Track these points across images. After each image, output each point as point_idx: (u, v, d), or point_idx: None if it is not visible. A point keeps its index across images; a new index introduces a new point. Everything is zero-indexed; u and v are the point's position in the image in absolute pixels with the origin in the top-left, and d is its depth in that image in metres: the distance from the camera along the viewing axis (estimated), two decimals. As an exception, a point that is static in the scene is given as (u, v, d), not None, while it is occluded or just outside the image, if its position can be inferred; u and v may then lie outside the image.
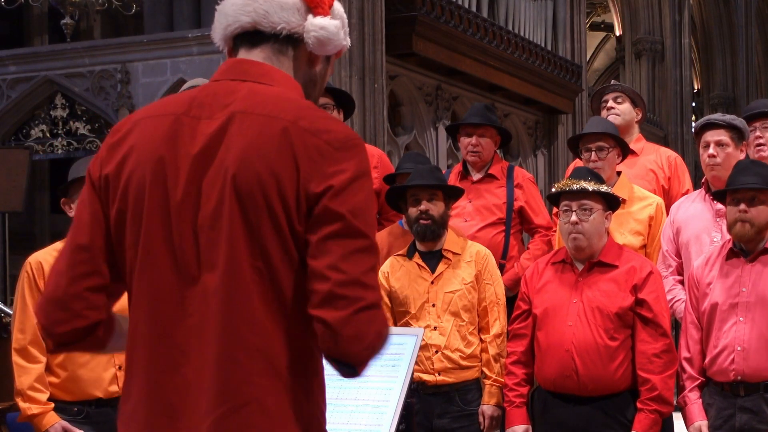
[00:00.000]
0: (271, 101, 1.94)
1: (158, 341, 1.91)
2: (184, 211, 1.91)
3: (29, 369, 3.94)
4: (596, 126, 4.83)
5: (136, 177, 1.94)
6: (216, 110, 1.95)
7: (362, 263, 1.85)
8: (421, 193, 4.37)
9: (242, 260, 1.87)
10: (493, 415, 4.34)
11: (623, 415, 3.98)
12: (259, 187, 1.86)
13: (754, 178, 3.96)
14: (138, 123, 2.00)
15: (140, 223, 1.93)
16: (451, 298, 4.35)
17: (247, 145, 1.88)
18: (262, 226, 1.86)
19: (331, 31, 2.06)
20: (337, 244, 1.84)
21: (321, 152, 1.87)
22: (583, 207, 4.06)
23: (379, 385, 3.51)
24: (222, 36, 2.06)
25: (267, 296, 1.87)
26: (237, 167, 1.87)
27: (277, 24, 2.01)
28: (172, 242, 1.91)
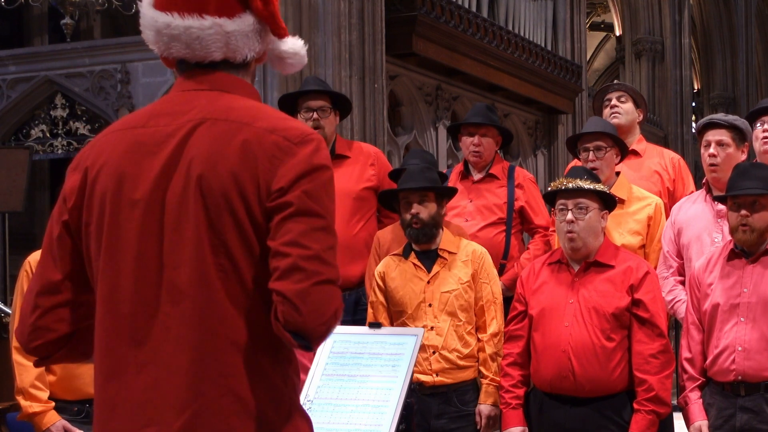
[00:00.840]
0: (230, 107, 1.99)
1: (125, 343, 1.96)
2: (147, 217, 1.96)
3: (29, 367, 3.94)
4: (594, 126, 4.83)
5: (99, 190, 2.00)
6: (174, 119, 2.00)
7: (322, 240, 1.91)
8: (412, 195, 4.37)
9: (206, 258, 1.92)
10: (490, 414, 4.34)
11: (620, 416, 3.98)
12: (221, 189, 1.92)
13: (754, 183, 3.95)
14: (99, 141, 2.06)
15: (101, 233, 1.99)
16: (448, 298, 4.35)
17: (208, 150, 1.94)
18: (224, 225, 1.92)
19: (293, 48, 2.13)
20: (296, 222, 1.91)
21: (280, 148, 1.94)
22: (579, 206, 4.05)
23: (379, 385, 3.51)
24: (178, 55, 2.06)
25: (232, 291, 1.92)
26: (200, 171, 1.93)
27: (246, 54, 2.06)
28: (133, 249, 1.96)
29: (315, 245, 1.90)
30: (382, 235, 4.89)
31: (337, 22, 9.04)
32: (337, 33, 9.06)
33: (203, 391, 1.90)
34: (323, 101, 4.97)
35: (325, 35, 9.02)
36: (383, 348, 3.64)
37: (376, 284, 4.48)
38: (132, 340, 1.95)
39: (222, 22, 2.02)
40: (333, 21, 9.03)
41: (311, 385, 3.57)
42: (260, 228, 1.93)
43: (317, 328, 1.89)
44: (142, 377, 1.93)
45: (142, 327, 1.94)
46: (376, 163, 5.10)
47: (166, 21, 2.03)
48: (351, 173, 5.02)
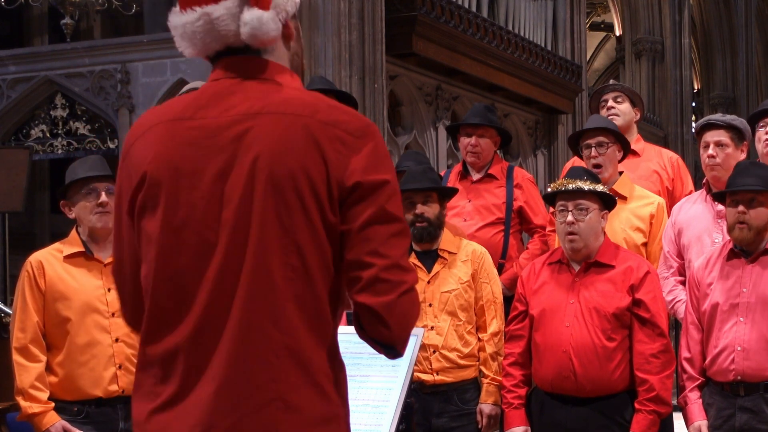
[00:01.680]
0: (281, 99, 1.94)
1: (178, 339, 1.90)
2: (206, 216, 1.90)
3: (30, 368, 3.94)
4: (596, 122, 4.84)
5: (156, 185, 1.93)
6: (225, 111, 1.93)
7: (400, 247, 1.90)
8: (416, 196, 4.37)
9: (273, 258, 1.87)
10: (491, 413, 4.34)
11: (621, 416, 3.98)
12: (292, 183, 1.87)
13: (753, 180, 3.96)
14: (146, 132, 1.98)
15: (157, 225, 1.93)
16: (448, 298, 4.35)
17: (273, 144, 1.89)
18: (296, 223, 1.88)
19: (260, 19, 1.97)
20: (375, 230, 1.88)
21: (343, 142, 1.90)
22: (579, 207, 4.05)
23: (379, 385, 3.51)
24: (204, 51, 2.02)
25: (298, 293, 1.88)
26: (268, 167, 1.88)
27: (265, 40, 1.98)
28: (192, 249, 1.90)
29: (394, 252, 1.89)
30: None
31: (337, 22, 9.05)
32: (337, 33, 9.07)
33: (251, 396, 1.86)
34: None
35: (325, 35, 9.02)
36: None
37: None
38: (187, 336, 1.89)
39: (209, 9, 1.96)
40: (333, 21, 9.04)
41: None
42: (331, 227, 1.89)
43: (403, 336, 1.91)
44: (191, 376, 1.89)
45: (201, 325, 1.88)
46: None
47: (172, 22, 2.01)
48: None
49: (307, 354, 1.88)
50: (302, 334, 1.88)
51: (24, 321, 3.96)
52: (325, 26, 9.02)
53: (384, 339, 1.91)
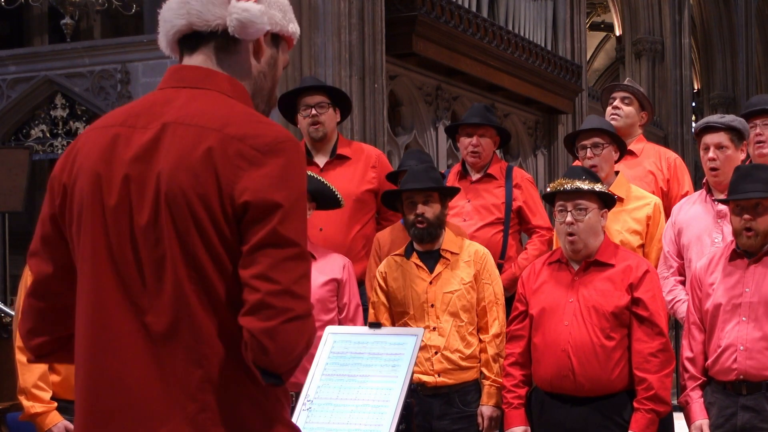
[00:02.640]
0: (203, 110, 1.93)
1: (99, 350, 1.92)
2: (119, 222, 1.91)
3: (32, 367, 3.94)
4: (592, 123, 4.84)
5: (78, 189, 1.96)
6: (151, 120, 1.94)
7: (292, 272, 1.83)
8: (416, 195, 4.36)
9: (180, 273, 1.87)
10: (492, 415, 4.33)
11: (620, 415, 3.98)
12: (184, 199, 1.86)
13: (757, 185, 3.95)
14: (82, 137, 2.02)
15: (80, 234, 1.96)
16: (450, 299, 4.35)
17: (175, 158, 1.88)
18: (191, 238, 1.86)
19: (253, 13, 1.99)
20: (266, 254, 1.82)
21: (246, 158, 1.86)
22: (579, 207, 4.05)
23: (379, 385, 3.51)
24: (166, 43, 2.06)
25: (206, 306, 1.87)
26: (166, 180, 1.88)
27: (212, 21, 1.98)
28: (112, 254, 1.92)
29: (284, 278, 1.82)
30: (381, 237, 4.89)
31: (337, 22, 9.05)
32: (337, 33, 9.06)
33: (182, 406, 1.87)
34: (321, 97, 4.97)
35: (325, 35, 9.02)
36: (383, 348, 3.64)
37: (378, 284, 4.47)
38: (111, 351, 1.91)
39: None
40: (333, 21, 9.03)
41: (311, 385, 3.57)
42: (228, 243, 1.86)
43: (285, 365, 1.84)
44: (120, 390, 1.90)
45: (121, 338, 1.90)
46: (378, 166, 5.10)
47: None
48: (352, 175, 5.02)
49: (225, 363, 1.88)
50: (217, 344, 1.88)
51: (26, 320, 3.96)
52: (325, 26, 9.02)
53: (265, 365, 1.84)
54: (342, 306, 4.40)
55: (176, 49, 2.05)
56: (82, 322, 1.96)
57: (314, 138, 4.99)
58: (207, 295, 1.87)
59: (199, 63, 2.01)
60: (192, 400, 1.87)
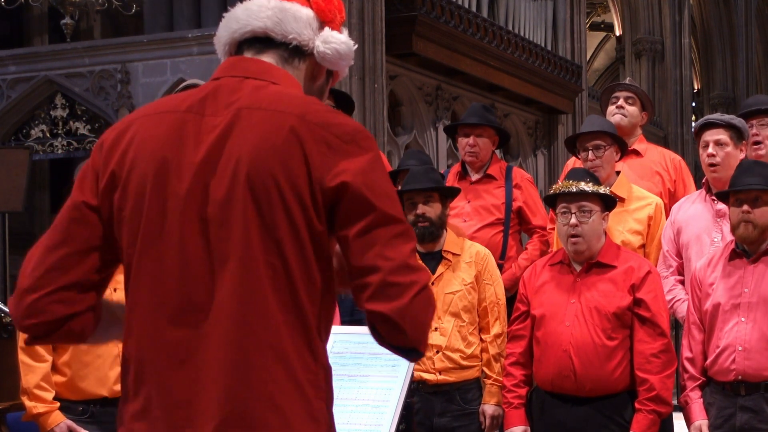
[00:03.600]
0: (276, 97, 1.92)
1: (163, 337, 1.89)
2: (188, 208, 1.88)
3: (35, 367, 3.94)
4: (593, 125, 4.83)
5: (137, 174, 1.92)
6: (221, 107, 1.93)
7: (405, 247, 1.85)
8: (417, 196, 4.37)
9: (257, 256, 1.85)
10: (494, 414, 4.34)
11: (621, 415, 3.98)
12: (274, 182, 1.85)
13: (757, 179, 3.96)
14: (135, 121, 1.98)
15: (140, 220, 1.91)
16: (452, 299, 4.35)
17: (257, 141, 1.87)
18: (277, 221, 1.85)
19: (349, 46, 2.05)
20: (376, 234, 1.83)
21: (330, 145, 1.86)
22: (583, 209, 4.05)
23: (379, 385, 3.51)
24: (228, 40, 2.04)
25: (280, 292, 1.86)
26: (249, 163, 1.85)
27: (289, 33, 2.00)
28: (175, 239, 1.88)
29: (399, 254, 1.83)
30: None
31: (337, 22, 9.04)
32: (337, 33, 9.05)
33: (236, 395, 1.84)
34: (327, 100, 4.97)
35: (325, 35, 9.01)
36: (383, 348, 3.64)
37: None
38: (174, 337, 1.87)
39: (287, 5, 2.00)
40: (333, 21, 9.02)
41: (311, 385, 3.57)
42: (313, 226, 1.86)
43: (421, 338, 1.87)
44: (180, 374, 1.87)
45: (186, 323, 1.87)
46: None
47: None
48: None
49: (288, 354, 1.86)
50: (284, 333, 1.86)
51: (29, 320, 3.96)
52: (325, 26, 9.01)
53: (402, 344, 1.87)
54: None
55: (234, 48, 2.04)
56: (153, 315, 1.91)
57: None
58: (284, 281, 1.85)
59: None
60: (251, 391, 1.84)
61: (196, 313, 1.87)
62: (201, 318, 1.87)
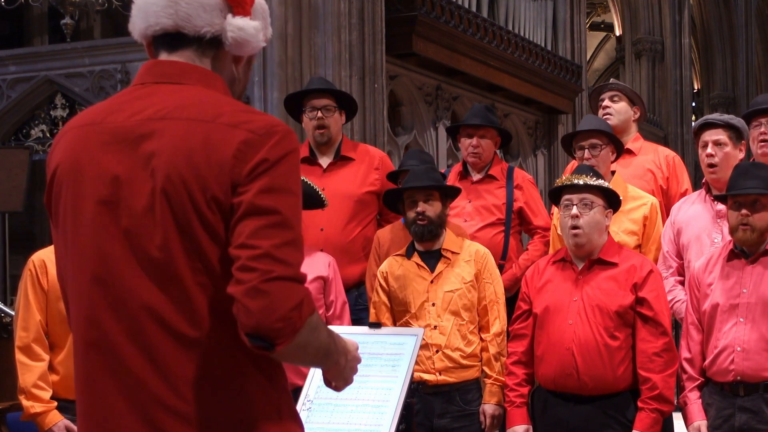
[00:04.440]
0: (189, 103, 1.92)
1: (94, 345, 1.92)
2: (109, 221, 1.90)
3: (32, 367, 3.95)
4: (589, 124, 4.82)
5: (63, 189, 1.96)
6: (133, 116, 1.93)
7: (274, 236, 1.82)
8: (417, 194, 4.37)
9: (181, 265, 1.86)
10: (494, 414, 4.34)
11: (623, 414, 3.98)
12: (187, 193, 1.85)
13: (755, 182, 3.95)
14: (65, 134, 2.01)
15: (66, 235, 1.95)
16: (451, 298, 4.36)
17: (171, 153, 1.87)
18: (194, 231, 1.85)
19: (249, 33, 2.01)
20: (245, 223, 1.82)
21: (246, 142, 1.86)
22: (584, 201, 4.06)
23: (379, 385, 3.51)
24: (141, 34, 2.05)
25: (209, 295, 1.86)
26: (164, 175, 1.86)
27: (201, 27, 1.98)
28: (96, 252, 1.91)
29: (264, 243, 1.80)
30: (382, 235, 4.90)
31: (337, 22, 9.05)
32: (337, 33, 9.06)
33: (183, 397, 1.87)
34: (328, 100, 4.98)
35: (325, 35, 9.02)
36: (383, 348, 3.64)
37: (379, 284, 4.48)
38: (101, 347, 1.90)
39: None
40: (333, 21, 9.03)
41: (311, 385, 3.57)
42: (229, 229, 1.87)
43: (273, 324, 1.78)
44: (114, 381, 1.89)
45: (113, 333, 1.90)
46: (381, 168, 5.10)
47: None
48: (355, 176, 5.03)
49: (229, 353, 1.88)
50: (220, 333, 1.87)
51: (27, 320, 3.97)
52: (325, 26, 9.02)
53: (251, 328, 1.79)
54: (329, 303, 4.43)
55: (150, 44, 2.04)
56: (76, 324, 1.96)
57: (319, 142, 5.01)
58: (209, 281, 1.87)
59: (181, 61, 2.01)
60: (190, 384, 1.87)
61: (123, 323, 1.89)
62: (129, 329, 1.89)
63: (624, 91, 5.31)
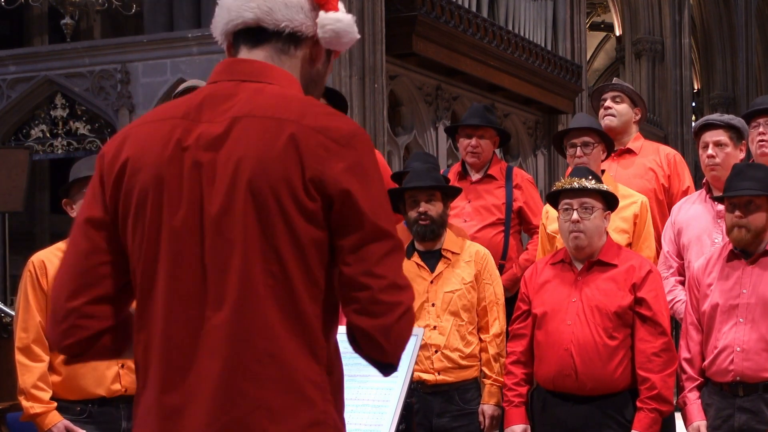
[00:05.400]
0: (272, 102, 1.91)
1: (166, 345, 1.89)
2: (188, 217, 1.88)
3: (32, 368, 3.94)
4: (581, 122, 4.82)
5: (138, 184, 1.92)
6: (217, 114, 1.92)
7: (394, 263, 1.87)
8: (419, 194, 4.37)
9: (255, 265, 1.85)
10: (493, 414, 4.34)
11: (622, 414, 3.99)
12: (272, 191, 1.84)
13: (750, 183, 3.96)
14: (133, 130, 1.98)
15: (143, 229, 1.91)
16: (451, 298, 4.36)
17: (255, 150, 1.86)
18: (277, 230, 1.85)
19: (347, 23, 2.04)
20: (369, 250, 1.85)
21: (328, 149, 1.86)
22: (585, 206, 4.06)
23: (379, 385, 3.51)
24: (223, 31, 2.04)
25: (280, 300, 1.86)
26: (249, 173, 1.85)
27: (281, 21, 1.99)
28: (175, 248, 1.89)
29: (389, 272, 1.86)
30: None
31: (337, 22, 9.03)
32: (337, 33, 9.04)
33: (234, 404, 1.84)
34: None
35: (325, 35, 9.01)
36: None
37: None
38: (167, 347, 1.88)
39: None
40: (333, 21, 9.01)
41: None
42: (313, 232, 1.86)
43: (399, 355, 1.92)
44: (184, 382, 1.87)
45: (179, 333, 1.88)
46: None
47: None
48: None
49: (289, 361, 1.86)
50: (284, 341, 1.86)
51: (26, 321, 3.97)
52: (325, 26, 9.00)
53: (380, 359, 1.92)
54: None
55: (230, 39, 2.04)
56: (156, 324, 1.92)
57: None
58: (283, 287, 1.85)
59: (260, 59, 2.00)
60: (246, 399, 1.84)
61: (191, 325, 1.88)
62: (197, 330, 1.87)
63: (626, 91, 5.30)
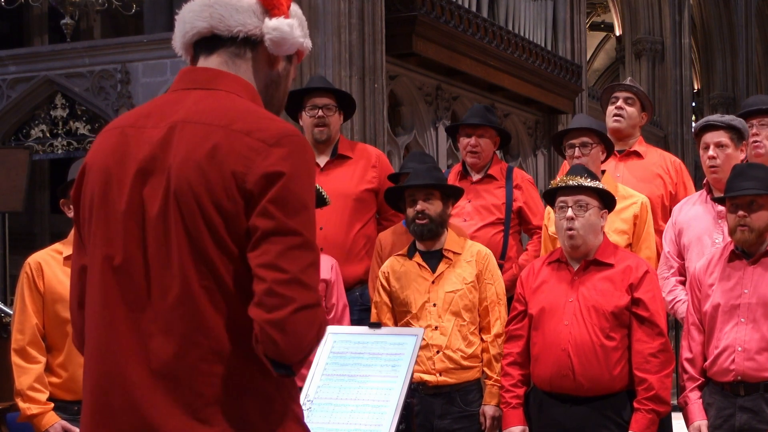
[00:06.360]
0: (210, 108, 1.95)
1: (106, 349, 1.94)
2: (129, 223, 1.93)
3: (28, 369, 3.94)
4: (581, 122, 4.82)
5: (89, 190, 2.00)
6: (160, 120, 1.97)
7: (299, 260, 1.84)
8: (418, 193, 4.37)
9: (189, 269, 1.88)
10: (495, 415, 4.34)
11: (619, 415, 3.98)
12: (194, 197, 1.87)
13: (751, 183, 3.96)
14: (97, 138, 2.07)
15: (90, 233, 1.99)
16: (452, 298, 4.35)
17: (183, 154, 1.90)
18: (201, 235, 1.87)
19: (285, 30, 2.05)
20: (271, 242, 1.84)
21: (255, 150, 1.87)
22: (579, 203, 4.05)
23: (379, 385, 3.51)
24: (182, 44, 2.09)
25: (216, 300, 1.88)
26: (175, 176, 1.89)
27: (234, 27, 2.02)
28: (120, 254, 1.94)
29: (292, 267, 1.83)
30: (384, 237, 4.90)
31: (337, 22, 9.05)
32: (337, 33, 9.07)
33: (187, 401, 1.87)
34: (328, 99, 4.98)
35: (325, 35, 9.03)
36: (383, 348, 3.65)
37: (381, 284, 4.47)
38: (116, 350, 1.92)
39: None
40: (333, 21, 9.04)
41: (311, 385, 3.58)
42: (239, 236, 1.87)
43: (295, 355, 1.84)
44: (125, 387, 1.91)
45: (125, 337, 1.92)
46: (378, 165, 5.10)
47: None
48: (352, 174, 5.02)
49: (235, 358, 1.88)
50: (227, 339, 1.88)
51: (23, 323, 3.97)
52: (325, 26, 9.02)
53: (275, 356, 1.85)
54: (330, 306, 4.43)
55: (191, 51, 2.08)
56: (92, 321, 1.98)
57: (318, 140, 5.00)
58: (216, 289, 1.88)
59: (215, 66, 2.03)
60: (198, 396, 1.87)
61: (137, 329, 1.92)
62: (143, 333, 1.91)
63: (639, 95, 5.30)
